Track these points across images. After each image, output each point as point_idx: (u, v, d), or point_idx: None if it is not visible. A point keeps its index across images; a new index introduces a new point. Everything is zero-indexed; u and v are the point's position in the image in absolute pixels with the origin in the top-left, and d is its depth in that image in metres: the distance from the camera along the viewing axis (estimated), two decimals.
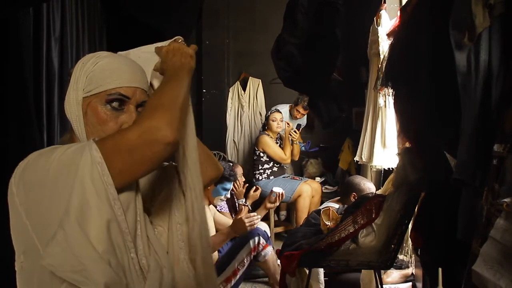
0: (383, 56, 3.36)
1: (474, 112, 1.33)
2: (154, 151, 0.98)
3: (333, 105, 2.98)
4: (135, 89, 1.14)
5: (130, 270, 1.02)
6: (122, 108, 1.12)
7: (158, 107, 1.02)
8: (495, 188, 1.24)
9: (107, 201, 0.97)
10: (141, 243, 1.08)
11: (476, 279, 1.18)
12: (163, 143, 0.98)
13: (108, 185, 0.97)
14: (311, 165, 5.53)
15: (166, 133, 0.98)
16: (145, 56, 1.27)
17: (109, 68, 1.12)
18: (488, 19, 1.26)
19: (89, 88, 1.11)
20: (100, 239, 0.96)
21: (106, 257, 0.96)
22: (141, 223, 1.08)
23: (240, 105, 5.85)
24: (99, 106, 1.11)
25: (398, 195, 2.29)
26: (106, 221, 0.97)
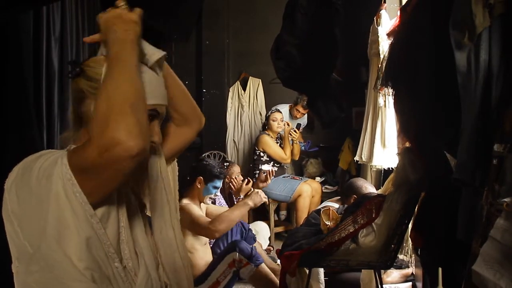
0: (383, 56, 3.36)
1: (474, 112, 1.33)
2: (121, 167, 0.91)
3: (332, 105, 2.97)
4: (164, 106, 1.18)
5: (115, 278, 1.02)
6: (150, 123, 1.13)
7: (110, 114, 0.91)
8: (495, 188, 1.24)
9: (84, 219, 0.96)
10: (126, 248, 1.07)
11: (476, 279, 1.18)
12: (128, 157, 0.89)
13: (83, 202, 0.95)
14: (311, 165, 5.53)
15: (127, 145, 0.88)
16: None
17: (148, 83, 1.10)
18: (488, 19, 1.26)
19: None
20: (81, 257, 0.95)
21: (89, 273, 0.96)
22: (125, 228, 1.07)
23: (240, 105, 5.85)
24: None
25: (398, 195, 2.29)
26: (85, 238, 0.96)
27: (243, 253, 2.94)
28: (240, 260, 2.93)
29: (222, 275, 2.93)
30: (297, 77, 2.75)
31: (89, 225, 0.96)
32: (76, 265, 0.95)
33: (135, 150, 0.89)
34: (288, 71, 2.73)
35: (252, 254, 2.95)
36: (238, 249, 2.93)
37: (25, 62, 2.69)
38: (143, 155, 0.93)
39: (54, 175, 0.94)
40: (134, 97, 0.95)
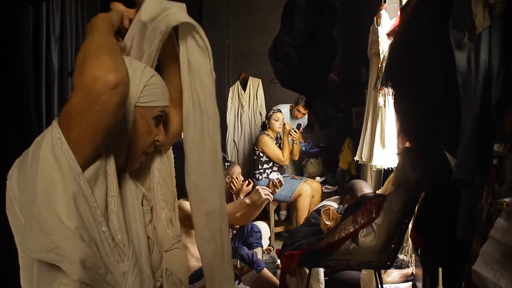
0: (383, 56, 3.36)
1: (474, 112, 1.33)
2: (103, 102, 0.94)
3: (330, 105, 2.97)
4: (168, 107, 1.24)
5: (102, 243, 1.03)
6: (159, 123, 1.22)
7: (87, 58, 0.97)
8: (495, 188, 1.24)
9: (71, 176, 0.97)
10: (115, 218, 1.07)
11: (476, 278, 1.18)
12: (108, 89, 0.93)
13: (70, 160, 0.96)
14: (311, 164, 5.53)
15: (106, 78, 0.93)
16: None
17: (161, 85, 1.21)
18: (488, 18, 1.26)
19: (146, 100, 1.15)
20: (71, 215, 0.96)
21: (78, 233, 0.97)
22: (115, 198, 1.07)
23: (240, 104, 5.85)
24: (149, 119, 1.17)
25: (398, 195, 2.28)
26: (72, 195, 0.96)
27: (244, 260, 2.93)
28: (241, 267, 2.92)
29: None
30: (295, 78, 2.75)
31: (76, 183, 0.97)
32: (66, 224, 0.95)
33: (113, 81, 0.93)
34: (286, 72, 2.74)
35: (253, 260, 2.94)
36: (238, 256, 2.92)
37: (25, 62, 2.69)
38: (123, 88, 0.96)
39: (43, 142, 0.97)
40: (107, 46, 1.01)
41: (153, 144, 1.21)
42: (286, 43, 2.68)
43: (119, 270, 1.06)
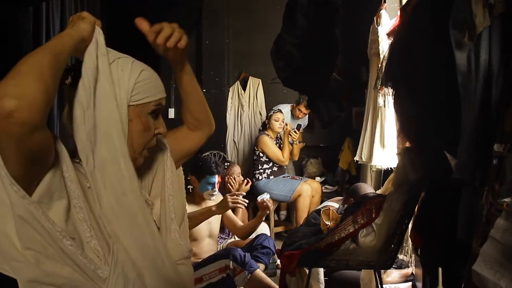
0: (383, 56, 3.36)
1: (474, 112, 1.33)
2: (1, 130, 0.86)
3: (332, 104, 2.97)
4: (164, 98, 1.23)
5: (69, 257, 1.00)
6: (157, 116, 1.21)
7: (9, 75, 0.90)
8: (495, 188, 1.24)
9: (15, 198, 0.94)
10: (86, 227, 1.05)
11: (476, 279, 1.18)
12: (2, 117, 0.84)
13: (12, 183, 0.93)
14: (311, 164, 5.53)
15: (3, 102, 0.84)
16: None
17: (153, 79, 1.19)
18: (488, 18, 1.26)
19: (138, 98, 1.14)
20: (20, 236, 0.95)
21: (30, 253, 0.96)
22: (84, 209, 1.05)
23: (240, 104, 5.85)
24: (145, 115, 1.17)
25: (398, 195, 2.28)
26: (19, 217, 0.95)
27: (236, 261, 2.91)
28: (234, 268, 2.90)
29: (208, 275, 2.89)
30: (297, 77, 2.75)
31: (22, 205, 0.95)
32: (16, 245, 0.95)
33: (6, 108, 0.84)
34: (288, 71, 2.73)
35: (245, 261, 2.92)
36: (231, 257, 2.91)
37: None
38: (23, 116, 0.86)
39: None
40: (25, 67, 0.93)
41: (154, 137, 1.22)
42: (288, 42, 2.68)
43: (99, 276, 1.04)
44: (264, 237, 3.40)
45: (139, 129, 1.16)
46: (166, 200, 1.30)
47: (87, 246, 1.05)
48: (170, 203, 1.30)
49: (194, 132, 1.42)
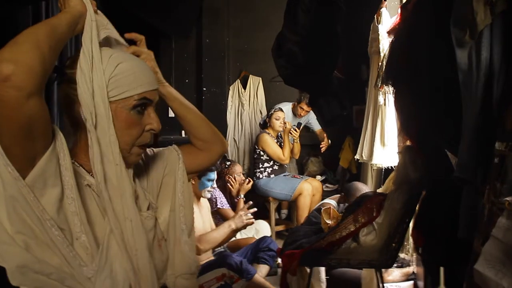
0: (383, 54, 3.35)
1: (475, 110, 1.32)
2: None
3: (334, 103, 2.96)
4: (154, 91, 1.15)
5: (57, 247, 0.99)
6: (143, 111, 1.13)
7: (6, 45, 0.90)
8: (496, 187, 1.23)
9: (9, 179, 0.93)
10: (77, 221, 1.03)
11: (478, 278, 1.17)
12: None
13: (6, 163, 0.93)
14: (311, 163, 5.52)
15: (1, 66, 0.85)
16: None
17: (132, 72, 1.10)
18: (490, 16, 1.25)
19: (114, 93, 1.08)
20: (10, 219, 0.94)
21: (20, 238, 0.95)
22: (76, 201, 1.03)
23: (241, 103, 5.84)
24: (125, 111, 1.10)
25: (399, 194, 2.28)
26: (11, 198, 0.94)
27: (232, 269, 2.89)
28: (231, 276, 2.88)
29: (207, 283, 2.87)
30: (298, 75, 2.74)
31: (15, 187, 0.94)
32: (6, 228, 0.94)
33: (3, 73, 0.85)
34: (289, 69, 2.72)
35: (242, 268, 2.90)
36: (226, 266, 2.89)
37: None
38: (19, 79, 0.87)
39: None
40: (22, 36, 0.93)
41: (146, 134, 1.14)
42: (290, 39, 2.67)
43: (83, 274, 1.02)
44: (270, 240, 3.41)
45: (120, 125, 1.09)
46: (177, 210, 1.27)
47: (76, 242, 1.02)
48: (181, 214, 1.28)
49: (204, 152, 1.37)
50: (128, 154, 1.12)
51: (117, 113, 1.08)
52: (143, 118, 1.13)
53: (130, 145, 1.12)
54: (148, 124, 1.13)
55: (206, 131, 1.37)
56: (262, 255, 3.29)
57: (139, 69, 1.12)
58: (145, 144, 1.16)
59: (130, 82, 1.09)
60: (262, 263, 3.30)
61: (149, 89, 1.13)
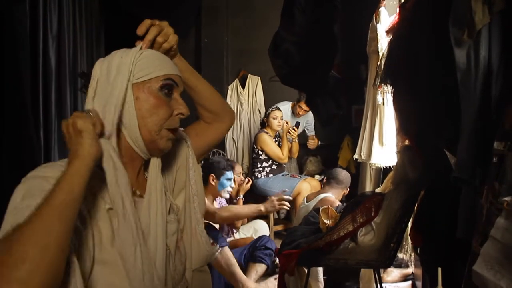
0: (382, 54, 3.35)
1: (474, 109, 1.32)
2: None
3: (331, 102, 2.96)
4: (179, 77, 1.16)
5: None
6: (171, 95, 1.13)
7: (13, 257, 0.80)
8: (495, 187, 1.23)
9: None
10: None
11: (476, 279, 1.17)
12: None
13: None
14: (310, 163, 5.52)
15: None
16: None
17: (157, 57, 1.13)
18: (488, 15, 1.25)
19: (141, 74, 1.09)
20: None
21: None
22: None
23: (239, 102, 5.83)
24: (154, 92, 1.10)
25: (398, 194, 2.28)
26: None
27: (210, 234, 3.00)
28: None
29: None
30: (295, 75, 2.74)
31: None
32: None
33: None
34: (286, 69, 2.72)
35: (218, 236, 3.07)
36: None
37: (22, 60, 2.67)
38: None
39: None
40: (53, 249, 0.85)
41: (175, 118, 1.13)
42: (286, 39, 2.67)
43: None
44: (267, 239, 3.45)
45: (149, 106, 1.09)
46: (191, 200, 1.26)
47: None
48: (195, 203, 1.26)
49: (213, 125, 1.36)
50: (158, 137, 1.11)
51: (146, 93, 1.09)
52: (171, 102, 1.13)
53: (159, 126, 1.10)
54: (177, 109, 1.13)
55: (217, 101, 1.37)
56: (258, 253, 3.33)
57: (163, 57, 1.15)
58: (174, 128, 1.14)
59: (155, 65, 1.11)
60: (259, 262, 3.33)
61: (174, 73, 1.14)
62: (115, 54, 1.12)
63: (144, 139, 1.10)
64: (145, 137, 1.10)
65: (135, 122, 1.08)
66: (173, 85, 1.13)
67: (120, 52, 1.12)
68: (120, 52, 1.12)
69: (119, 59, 1.10)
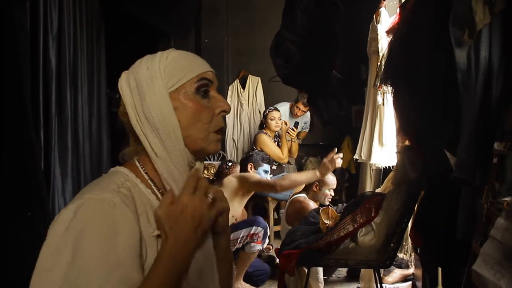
0: (382, 54, 3.35)
1: (474, 110, 1.31)
2: None
3: (332, 102, 2.96)
4: (212, 73, 1.09)
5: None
6: (208, 94, 1.05)
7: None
8: (495, 187, 1.23)
9: None
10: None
11: (476, 279, 1.17)
12: None
13: None
14: (310, 163, 5.52)
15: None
16: None
17: (184, 58, 1.06)
18: (489, 15, 1.25)
19: (173, 82, 1.02)
20: None
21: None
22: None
23: (240, 103, 5.84)
24: (191, 96, 1.02)
25: (398, 194, 2.27)
26: None
27: (264, 233, 3.33)
28: (258, 235, 3.27)
29: (241, 238, 3.25)
30: (296, 75, 2.73)
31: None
32: None
33: None
34: (287, 69, 2.72)
35: (265, 234, 3.37)
36: (263, 227, 3.32)
37: (22, 60, 2.67)
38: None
39: None
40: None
41: (219, 117, 1.06)
42: (288, 39, 2.66)
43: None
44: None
45: (190, 112, 1.02)
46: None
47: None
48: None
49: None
50: (207, 143, 1.04)
51: (182, 101, 1.02)
52: (210, 102, 1.05)
53: (205, 132, 1.04)
54: (218, 107, 1.05)
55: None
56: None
57: (189, 55, 1.09)
58: (220, 128, 1.07)
59: (184, 67, 1.04)
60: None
61: (206, 70, 1.07)
62: (139, 67, 1.04)
63: (191, 150, 1.03)
64: (191, 147, 1.03)
65: (179, 135, 1.01)
66: (209, 84, 1.06)
67: (144, 63, 1.05)
68: (144, 62, 1.05)
69: (146, 71, 1.03)
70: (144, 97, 1.01)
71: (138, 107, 1.01)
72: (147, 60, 1.05)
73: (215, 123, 1.05)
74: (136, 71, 1.04)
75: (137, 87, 1.02)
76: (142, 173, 1.04)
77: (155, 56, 1.06)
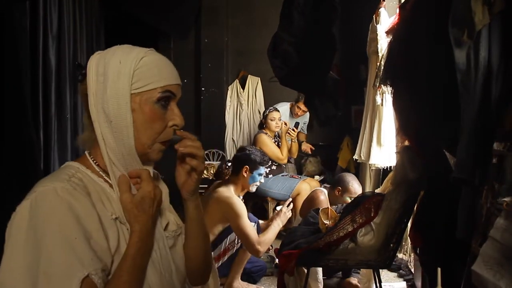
0: (381, 54, 3.35)
1: (474, 110, 1.31)
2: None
3: (329, 103, 2.97)
4: (178, 86, 1.12)
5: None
6: (167, 107, 1.09)
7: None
8: (495, 187, 1.23)
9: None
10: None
11: (476, 279, 1.17)
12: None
13: None
14: (310, 163, 5.52)
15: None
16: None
17: (156, 65, 1.08)
18: (488, 16, 1.25)
19: (138, 85, 1.05)
20: None
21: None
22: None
23: (239, 103, 5.84)
24: (150, 104, 1.06)
25: (397, 194, 2.28)
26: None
27: (257, 228, 3.19)
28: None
29: (232, 243, 3.17)
30: (294, 76, 2.74)
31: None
32: None
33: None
34: (285, 70, 2.72)
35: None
36: (256, 222, 3.24)
37: (22, 60, 2.66)
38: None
39: None
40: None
41: (169, 130, 1.10)
42: (285, 40, 2.67)
43: None
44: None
45: (144, 118, 1.05)
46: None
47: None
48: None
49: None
50: (150, 150, 1.09)
51: (141, 105, 1.05)
52: (167, 114, 1.09)
53: (152, 140, 1.08)
54: (171, 120, 1.09)
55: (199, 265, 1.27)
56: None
57: (162, 63, 1.10)
58: (168, 140, 1.11)
59: (153, 75, 1.06)
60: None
61: (173, 83, 1.09)
62: (113, 55, 1.06)
63: (137, 151, 1.07)
64: (137, 149, 1.07)
65: (131, 135, 1.06)
66: (171, 97, 1.09)
67: (119, 54, 1.06)
68: (119, 53, 1.07)
69: (118, 64, 1.05)
70: (106, 89, 1.04)
71: (98, 95, 1.05)
72: (123, 51, 1.08)
73: (165, 135, 1.10)
74: (108, 59, 1.06)
75: (103, 75, 1.05)
76: (93, 165, 1.10)
77: (132, 51, 1.08)
